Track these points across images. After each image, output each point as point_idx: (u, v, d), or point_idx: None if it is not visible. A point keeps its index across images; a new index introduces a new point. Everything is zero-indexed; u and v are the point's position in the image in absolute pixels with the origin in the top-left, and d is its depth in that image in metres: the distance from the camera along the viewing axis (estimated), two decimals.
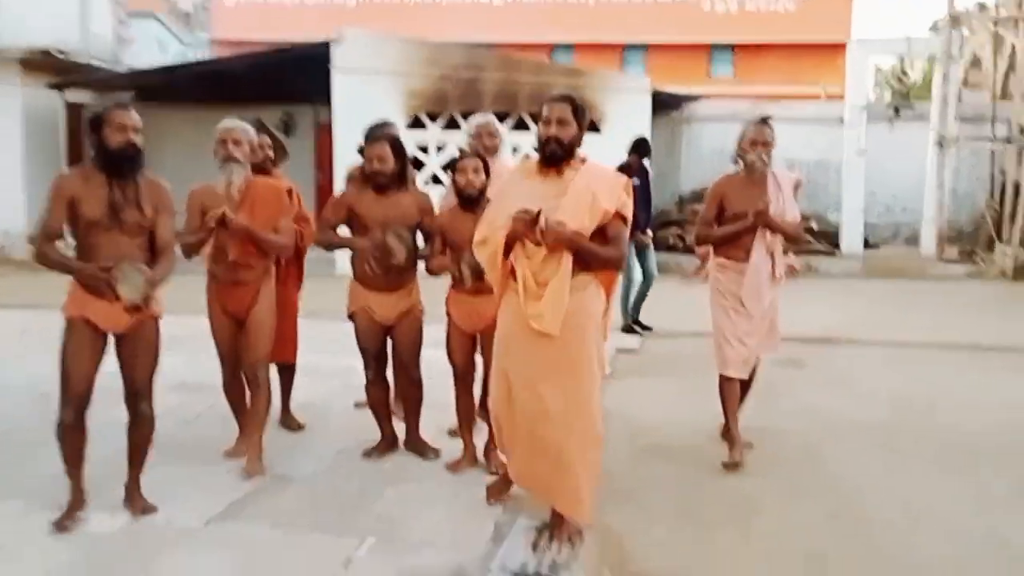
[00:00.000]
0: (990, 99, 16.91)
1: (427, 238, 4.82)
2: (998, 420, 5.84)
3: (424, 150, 12.63)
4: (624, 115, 12.17)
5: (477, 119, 5.59)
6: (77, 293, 3.86)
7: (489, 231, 3.88)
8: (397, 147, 4.74)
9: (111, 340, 3.95)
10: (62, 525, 3.83)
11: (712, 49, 30.30)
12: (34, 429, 4.85)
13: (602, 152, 5.49)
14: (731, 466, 4.80)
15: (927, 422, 5.81)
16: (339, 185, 11.92)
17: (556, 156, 3.82)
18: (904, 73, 18.81)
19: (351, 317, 4.85)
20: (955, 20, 14.20)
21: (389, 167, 4.66)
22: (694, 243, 5.55)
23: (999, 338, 8.50)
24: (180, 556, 3.67)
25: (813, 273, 13.03)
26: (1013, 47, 16.56)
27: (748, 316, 4.95)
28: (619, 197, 3.83)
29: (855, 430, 5.55)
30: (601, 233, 3.78)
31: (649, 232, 8.75)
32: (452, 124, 12.56)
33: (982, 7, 20.02)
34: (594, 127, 12.14)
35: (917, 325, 9.27)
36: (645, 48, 30.27)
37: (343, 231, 4.87)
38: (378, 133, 5.61)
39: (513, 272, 3.84)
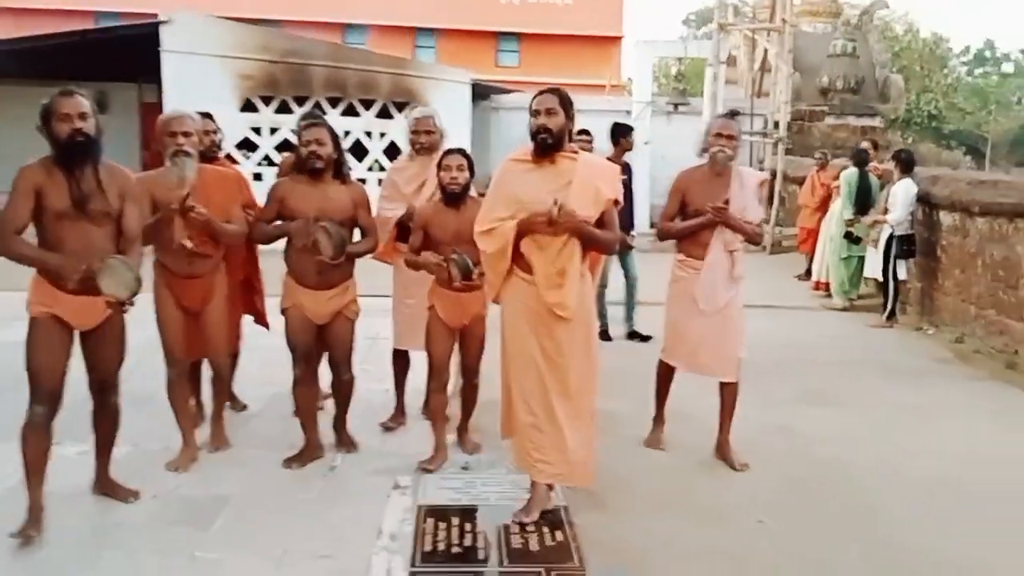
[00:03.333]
0: (744, 96, 19.46)
1: (364, 232, 4.70)
2: (777, 354, 7.62)
3: (257, 132, 13.15)
4: (446, 104, 13.17)
5: (415, 113, 5.40)
6: (43, 289, 3.70)
7: (493, 221, 4.01)
8: (334, 135, 4.56)
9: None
10: (25, 534, 3.71)
11: (499, 37, 32.02)
12: None
13: None
14: (652, 446, 5.17)
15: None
16: None
17: (547, 144, 3.94)
18: (681, 75, 21.21)
19: (283, 312, 4.66)
20: (722, 27, 16.36)
21: (327, 151, 4.46)
22: (656, 239, 5.45)
23: (763, 298, 10.48)
24: (201, 470, 4.52)
25: None
26: (765, 51, 19.17)
27: (704, 314, 4.90)
28: (616, 185, 4.08)
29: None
30: (599, 219, 4.02)
31: (633, 233, 8.24)
32: (284, 108, 13.17)
33: (737, 11, 22.81)
34: None
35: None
36: (435, 32, 31.49)
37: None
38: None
39: (520, 261, 4.00)
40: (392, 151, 12.83)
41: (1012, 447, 5.55)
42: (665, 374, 5.27)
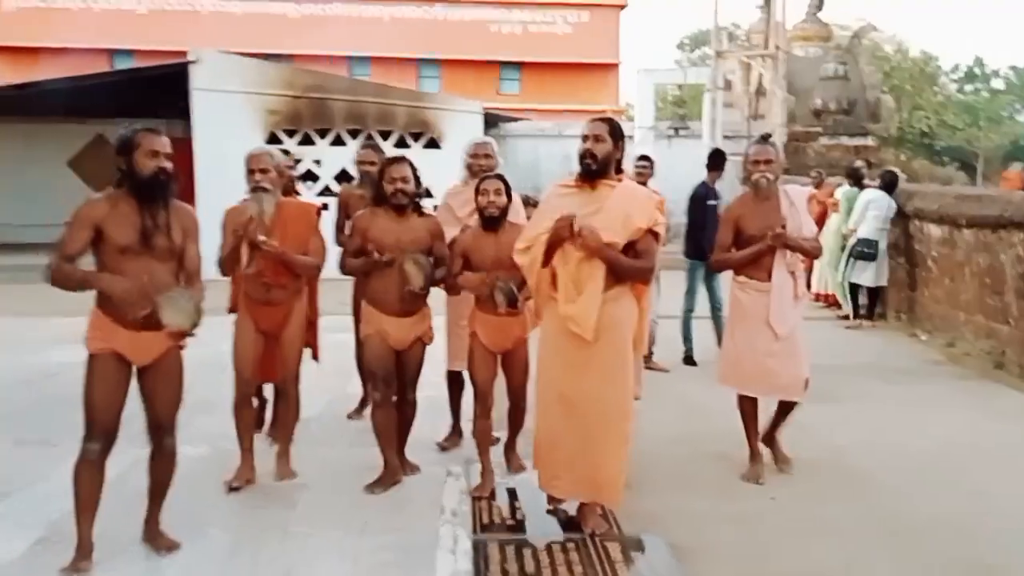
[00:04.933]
0: (741, 118, 20.20)
1: (437, 263, 4.78)
2: None
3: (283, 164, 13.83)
4: (461, 133, 13.86)
5: (473, 139, 5.63)
6: (101, 323, 3.71)
7: (531, 240, 4.18)
8: (415, 171, 4.77)
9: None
10: (76, 568, 3.75)
11: (500, 66, 32.82)
12: None
13: (442, 165, 5.94)
14: (749, 480, 5.06)
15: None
16: (200, 196, 12.94)
17: (590, 170, 4.07)
18: (681, 100, 21.97)
19: (364, 339, 4.85)
20: (719, 54, 17.12)
21: (411, 187, 4.68)
22: (712, 268, 5.57)
23: None
24: (274, 465, 5.06)
25: None
26: (760, 75, 19.92)
27: (772, 337, 4.91)
28: (652, 215, 4.09)
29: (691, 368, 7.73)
30: (631, 247, 4.06)
31: None
32: (307, 140, 13.88)
33: (731, 37, 23.61)
34: (435, 144, 13.88)
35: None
36: (439, 63, 32.30)
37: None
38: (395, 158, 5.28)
39: (553, 279, 4.14)
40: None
41: (992, 433, 6.19)
42: (749, 407, 5.20)
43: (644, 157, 7.74)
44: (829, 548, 4.23)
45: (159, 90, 14.12)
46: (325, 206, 6.29)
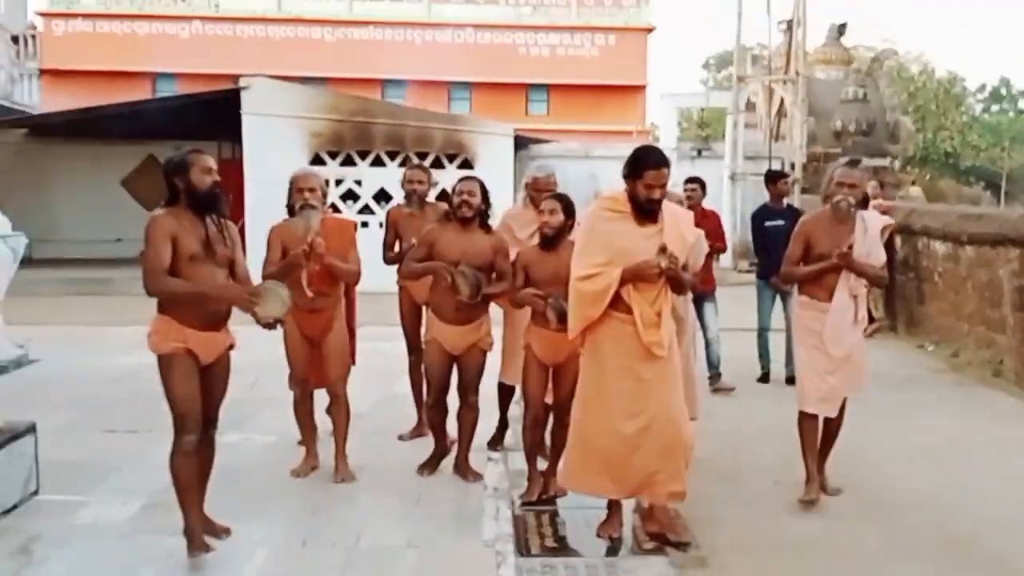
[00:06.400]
0: (763, 140, 20.82)
1: (500, 277, 5.10)
2: None
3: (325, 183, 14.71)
4: (493, 154, 14.70)
5: (536, 172, 5.77)
6: (171, 327, 4.02)
7: (591, 267, 4.25)
8: (484, 189, 5.18)
9: None
10: (197, 549, 4.09)
11: (529, 88, 33.60)
12: None
13: None
14: (807, 504, 5.05)
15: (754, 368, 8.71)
16: (250, 213, 13.79)
17: (653, 213, 4.27)
18: (704, 123, 22.67)
19: (425, 344, 5.37)
20: (741, 79, 17.80)
21: (476, 202, 5.08)
22: (780, 282, 5.91)
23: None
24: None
25: None
26: (782, 99, 20.56)
27: (830, 355, 5.01)
28: (695, 230, 4.51)
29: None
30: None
31: None
32: (349, 161, 14.73)
33: (755, 60, 24.26)
34: (468, 164, 14.65)
35: (730, 315, 12.30)
36: (469, 86, 33.15)
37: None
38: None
39: (617, 303, 4.25)
40: (440, 197, 14.19)
41: (982, 433, 6.83)
42: (807, 427, 5.19)
43: (694, 179, 7.87)
44: (821, 524, 4.90)
45: (210, 113, 15.00)
46: (365, 223, 6.73)
